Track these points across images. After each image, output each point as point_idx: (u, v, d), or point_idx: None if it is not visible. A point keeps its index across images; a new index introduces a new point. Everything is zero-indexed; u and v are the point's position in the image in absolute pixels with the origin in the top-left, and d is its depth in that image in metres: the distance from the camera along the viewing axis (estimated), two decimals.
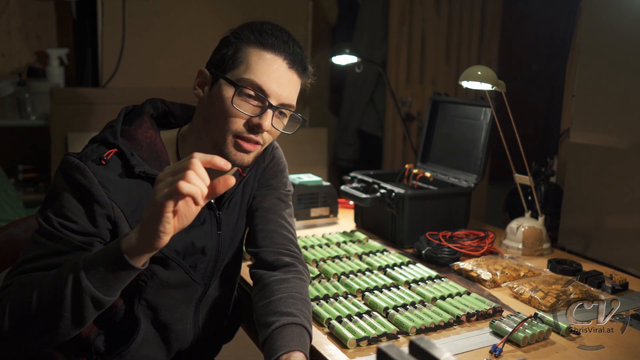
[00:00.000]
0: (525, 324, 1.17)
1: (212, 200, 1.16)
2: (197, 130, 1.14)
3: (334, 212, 1.98)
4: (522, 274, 1.47)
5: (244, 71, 1.08)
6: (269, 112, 1.08)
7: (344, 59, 2.21)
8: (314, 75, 1.17)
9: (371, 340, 1.13)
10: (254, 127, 1.08)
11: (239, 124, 1.08)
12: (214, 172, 1.15)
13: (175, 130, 1.18)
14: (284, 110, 1.13)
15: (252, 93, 1.08)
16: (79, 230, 1.01)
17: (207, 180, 0.86)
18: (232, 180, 0.87)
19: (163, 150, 1.12)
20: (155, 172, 1.07)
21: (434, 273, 1.48)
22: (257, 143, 1.11)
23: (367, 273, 1.46)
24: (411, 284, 1.40)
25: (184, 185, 0.82)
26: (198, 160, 0.85)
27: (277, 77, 1.09)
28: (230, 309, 1.33)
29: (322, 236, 1.78)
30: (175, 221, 0.87)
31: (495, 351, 1.10)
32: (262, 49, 1.08)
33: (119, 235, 1.03)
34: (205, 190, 0.86)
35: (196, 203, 0.86)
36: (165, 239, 0.87)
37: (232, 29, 1.14)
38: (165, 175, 0.86)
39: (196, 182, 0.84)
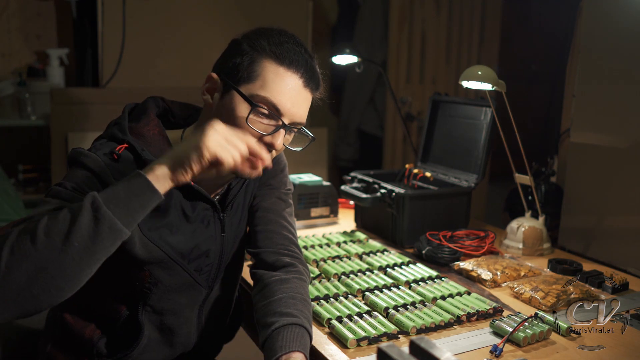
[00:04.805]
0: (526, 323, 1.17)
1: (217, 203, 1.16)
2: None
3: (334, 212, 1.98)
4: (522, 273, 1.47)
5: (259, 87, 1.05)
6: (282, 131, 1.07)
7: (344, 59, 2.21)
8: (325, 91, 1.15)
9: (371, 340, 1.13)
10: (265, 145, 1.07)
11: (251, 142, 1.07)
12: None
13: (178, 131, 1.16)
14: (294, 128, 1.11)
15: (266, 112, 1.05)
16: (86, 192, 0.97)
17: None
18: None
19: (170, 149, 1.10)
20: None
21: (434, 273, 1.47)
22: None
23: (367, 273, 1.46)
24: (411, 284, 1.40)
25: (237, 162, 0.94)
26: (250, 145, 0.96)
27: (293, 96, 1.06)
28: (232, 309, 1.33)
29: (323, 236, 1.78)
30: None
31: (495, 351, 1.10)
32: (280, 65, 1.05)
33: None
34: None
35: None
36: (191, 176, 0.92)
37: (245, 34, 1.10)
38: (223, 130, 0.93)
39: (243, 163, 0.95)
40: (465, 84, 1.61)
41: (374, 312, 1.24)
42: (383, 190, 1.75)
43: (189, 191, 1.10)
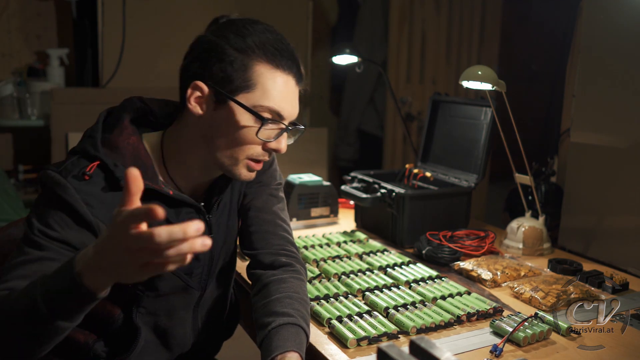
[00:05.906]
0: (526, 323, 1.17)
1: (201, 206, 1.13)
2: (191, 145, 1.08)
3: (334, 212, 1.98)
4: (522, 273, 1.47)
5: (260, 97, 1.02)
6: (285, 134, 1.07)
7: (344, 59, 2.21)
8: (311, 77, 1.15)
9: (372, 340, 1.13)
10: (269, 150, 1.07)
11: (256, 150, 1.06)
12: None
13: (158, 133, 1.13)
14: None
15: (269, 119, 1.04)
16: (58, 238, 0.97)
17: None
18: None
19: (147, 157, 1.07)
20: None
21: (434, 273, 1.47)
22: (265, 161, 1.10)
23: (367, 273, 1.46)
24: (411, 284, 1.40)
25: (172, 266, 0.72)
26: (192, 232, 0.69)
27: (291, 98, 1.06)
28: (227, 307, 1.33)
29: (323, 236, 1.78)
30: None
31: (495, 351, 1.10)
32: (275, 69, 1.03)
33: None
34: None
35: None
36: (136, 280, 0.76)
37: (219, 33, 1.04)
38: (132, 247, 0.71)
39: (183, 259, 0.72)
40: (465, 84, 1.60)
41: (374, 312, 1.24)
42: (383, 190, 1.75)
43: (170, 199, 1.07)
